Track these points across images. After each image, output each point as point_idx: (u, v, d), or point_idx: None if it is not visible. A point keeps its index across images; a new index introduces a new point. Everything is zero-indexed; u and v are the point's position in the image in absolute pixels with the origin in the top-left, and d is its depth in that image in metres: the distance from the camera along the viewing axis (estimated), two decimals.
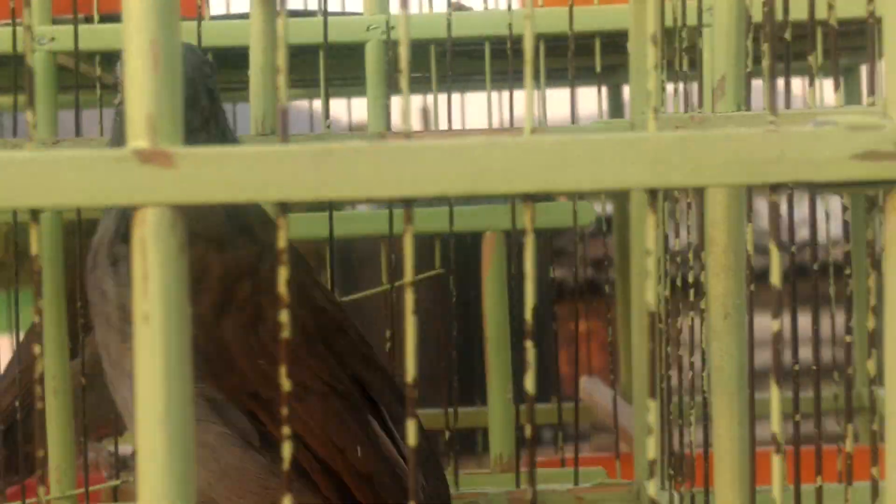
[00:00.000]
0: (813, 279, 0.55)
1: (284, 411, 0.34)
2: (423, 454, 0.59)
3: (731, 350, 0.53)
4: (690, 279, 0.60)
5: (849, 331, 0.55)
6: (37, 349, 0.33)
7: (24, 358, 0.83)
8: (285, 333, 0.34)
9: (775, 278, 0.34)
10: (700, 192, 0.59)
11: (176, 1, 0.32)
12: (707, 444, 0.60)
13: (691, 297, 0.61)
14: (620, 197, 1.04)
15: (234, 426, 0.55)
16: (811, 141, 0.34)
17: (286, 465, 0.34)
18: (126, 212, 0.56)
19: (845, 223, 0.52)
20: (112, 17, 0.78)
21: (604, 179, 0.33)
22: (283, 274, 0.33)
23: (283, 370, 0.33)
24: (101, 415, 0.81)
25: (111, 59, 0.75)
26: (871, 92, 0.51)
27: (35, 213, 0.32)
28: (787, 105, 0.55)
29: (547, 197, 0.80)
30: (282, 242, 0.33)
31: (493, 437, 0.77)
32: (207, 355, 0.52)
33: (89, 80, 0.80)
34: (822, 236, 0.80)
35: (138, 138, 0.31)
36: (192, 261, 0.55)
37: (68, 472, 0.75)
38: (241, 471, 0.55)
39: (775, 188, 0.35)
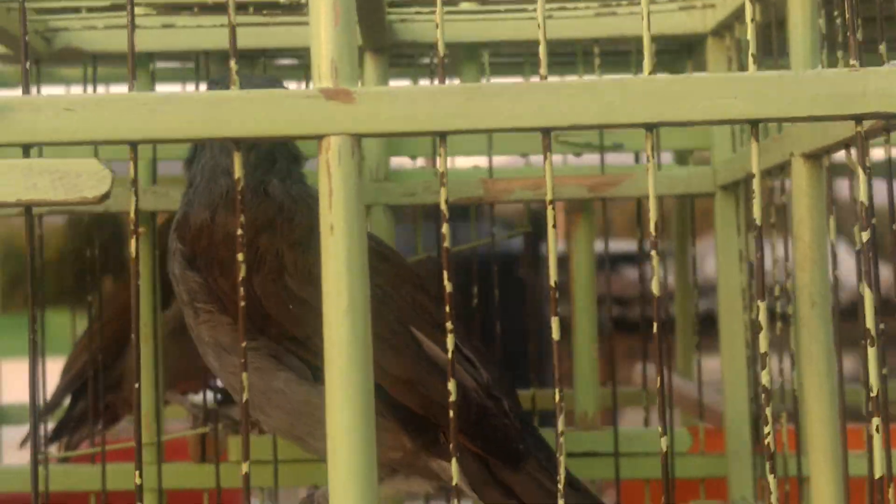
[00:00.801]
0: None
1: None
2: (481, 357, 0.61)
3: (818, 336, 0.56)
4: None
5: None
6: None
7: (105, 312, 0.87)
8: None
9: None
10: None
11: None
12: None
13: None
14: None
15: (292, 369, 0.60)
16: (890, 77, 0.39)
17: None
18: (185, 207, 0.62)
19: None
20: None
21: (710, 112, 0.39)
22: (443, 194, 0.39)
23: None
24: (183, 369, 0.83)
25: None
26: None
27: (237, 142, 0.38)
28: None
29: None
30: (442, 167, 0.39)
31: (578, 395, 0.81)
32: (248, 313, 0.54)
33: None
34: None
35: (323, 80, 0.38)
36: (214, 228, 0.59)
37: (156, 419, 0.78)
38: (309, 405, 0.60)
39: (859, 121, 0.40)
